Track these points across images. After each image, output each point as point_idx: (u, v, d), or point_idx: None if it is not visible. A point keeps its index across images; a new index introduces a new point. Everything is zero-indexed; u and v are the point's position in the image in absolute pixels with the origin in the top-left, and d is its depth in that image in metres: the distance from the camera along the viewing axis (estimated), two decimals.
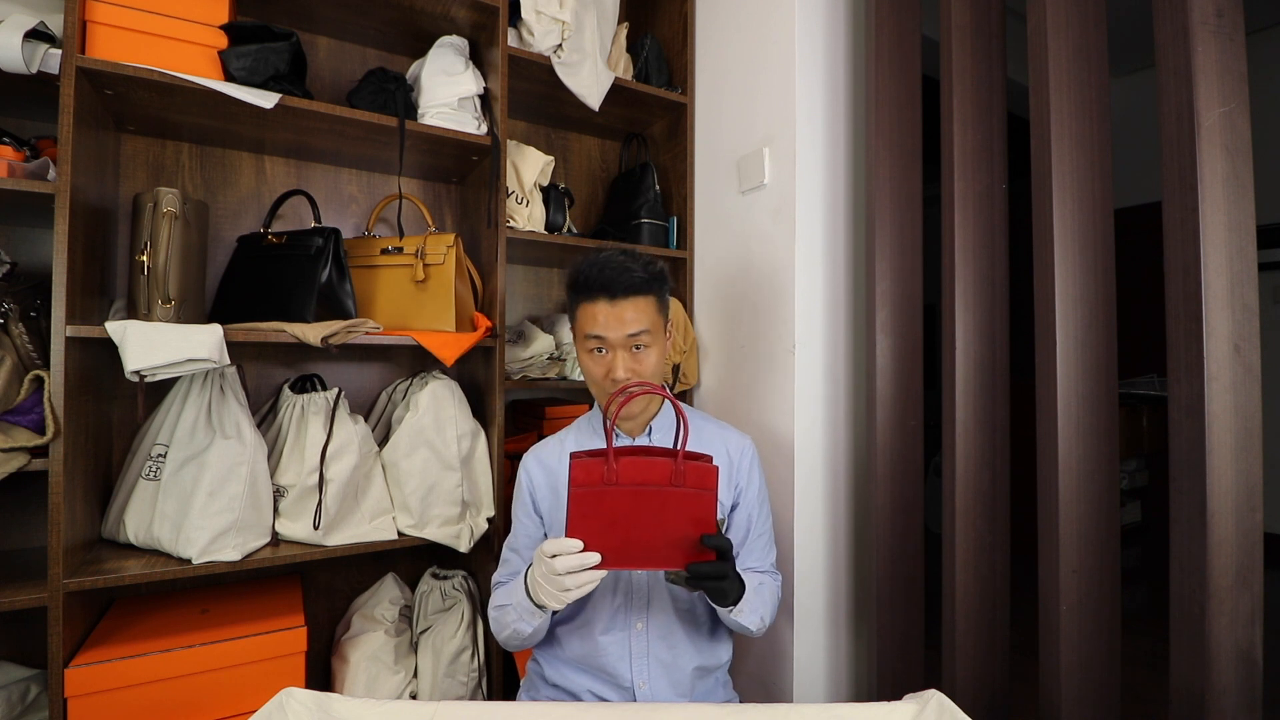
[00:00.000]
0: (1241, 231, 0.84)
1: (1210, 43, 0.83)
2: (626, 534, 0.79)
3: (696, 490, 0.80)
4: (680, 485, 0.79)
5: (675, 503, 0.79)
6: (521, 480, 1.10)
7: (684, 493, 0.79)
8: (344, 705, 0.77)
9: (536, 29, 1.44)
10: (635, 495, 0.79)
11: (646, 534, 0.80)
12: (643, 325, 0.98)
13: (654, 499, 0.79)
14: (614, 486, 0.78)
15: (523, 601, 0.93)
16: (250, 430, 1.20)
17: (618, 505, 0.78)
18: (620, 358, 0.98)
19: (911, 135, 1.29)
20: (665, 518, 0.79)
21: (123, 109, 1.22)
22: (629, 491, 0.78)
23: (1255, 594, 0.82)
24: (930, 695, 0.77)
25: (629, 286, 0.98)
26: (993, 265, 1.18)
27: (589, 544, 0.79)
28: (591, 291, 0.99)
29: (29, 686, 1.12)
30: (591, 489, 0.78)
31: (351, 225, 1.55)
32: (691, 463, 0.80)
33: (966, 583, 1.13)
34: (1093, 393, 0.99)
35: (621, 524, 0.79)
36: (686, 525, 0.80)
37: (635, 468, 0.79)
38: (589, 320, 0.99)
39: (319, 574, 1.50)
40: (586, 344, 1.01)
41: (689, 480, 0.80)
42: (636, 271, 0.99)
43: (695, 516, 0.80)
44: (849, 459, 1.40)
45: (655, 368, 1.02)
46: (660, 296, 1.04)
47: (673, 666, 1.02)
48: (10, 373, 1.05)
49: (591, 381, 1.04)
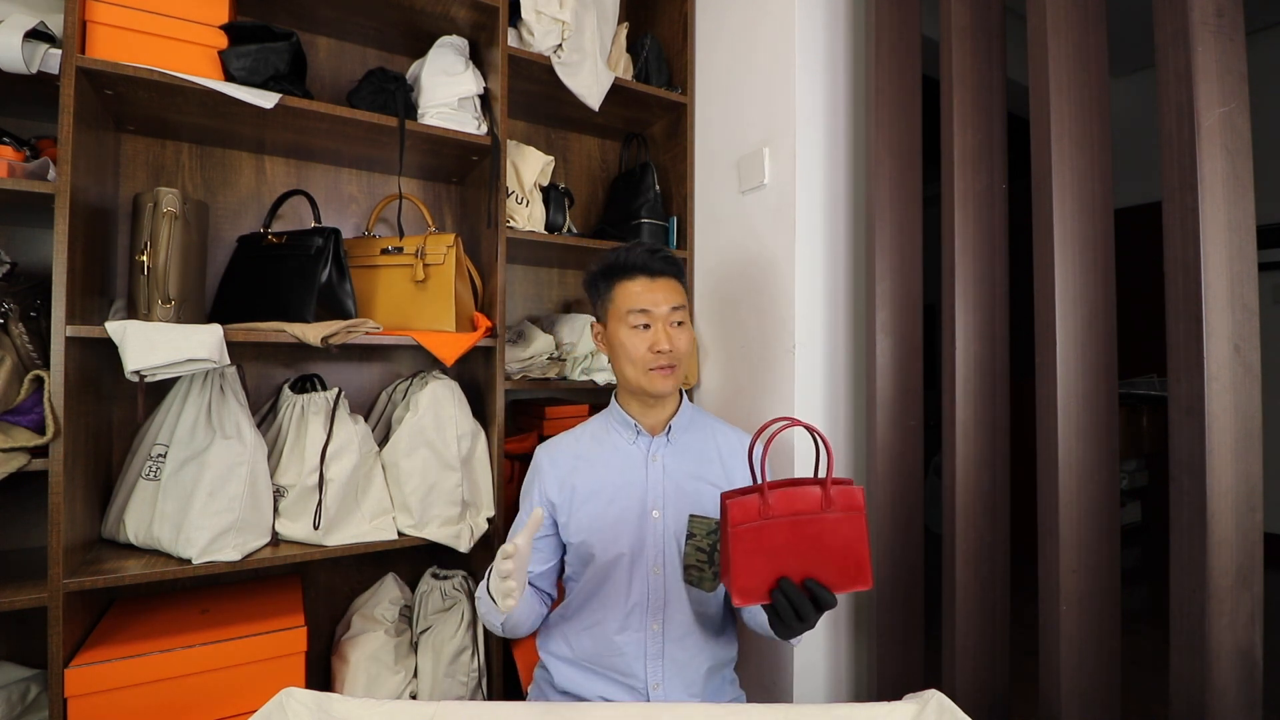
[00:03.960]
0: (1241, 231, 0.84)
1: (1210, 43, 0.83)
2: (786, 564, 0.81)
3: (847, 512, 0.82)
4: (832, 510, 0.82)
5: (830, 527, 0.82)
6: (533, 475, 1.11)
7: (836, 517, 0.82)
8: (344, 705, 0.77)
9: (536, 29, 1.44)
10: (792, 525, 0.81)
11: (805, 561, 0.82)
12: (680, 301, 1.07)
13: (810, 526, 0.81)
14: (771, 521, 0.80)
15: (485, 595, 0.98)
16: (250, 430, 1.20)
17: (777, 537, 0.81)
18: (664, 331, 1.04)
19: (911, 135, 1.29)
20: (822, 543, 0.82)
21: (123, 109, 1.22)
22: (786, 523, 0.81)
23: (1255, 594, 0.82)
24: (930, 695, 0.77)
25: (663, 267, 1.07)
26: (993, 265, 1.18)
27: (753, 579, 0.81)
28: (630, 271, 1.06)
29: (29, 686, 1.12)
30: (750, 525, 0.80)
31: (351, 225, 1.55)
32: (839, 486, 0.83)
33: (966, 583, 1.13)
34: (1093, 393, 0.99)
35: (782, 555, 0.81)
36: (841, 546, 0.82)
37: (787, 498, 0.82)
38: (631, 297, 1.05)
39: (319, 574, 1.50)
40: (629, 320, 1.05)
41: (838, 504, 0.82)
42: (669, 255, 1.09)
43: (848, 538, 0.82)
44: (849, 459, 1.40)
45: (689, 347, 1.08)
46: (685, 285, 1.12)
47: (687, 666, 1.02)
48: (10, 373, 1.05)
49: (629, 360, 1.05)
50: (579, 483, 1.07)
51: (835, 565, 0.82)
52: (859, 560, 0.82)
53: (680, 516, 1.02)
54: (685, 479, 1.06)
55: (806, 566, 0.81)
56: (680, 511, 1.02)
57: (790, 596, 0.79)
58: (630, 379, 1.07)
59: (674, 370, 1.05)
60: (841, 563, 0.82)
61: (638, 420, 1.09)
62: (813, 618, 0.80)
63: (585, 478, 1.07)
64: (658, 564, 1.02)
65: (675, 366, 1.05)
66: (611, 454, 1.08)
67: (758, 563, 0.80)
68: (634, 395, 1.09)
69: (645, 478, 1.06)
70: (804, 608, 0.79)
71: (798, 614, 0.79)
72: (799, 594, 0.79)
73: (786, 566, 0.81)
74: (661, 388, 1.04)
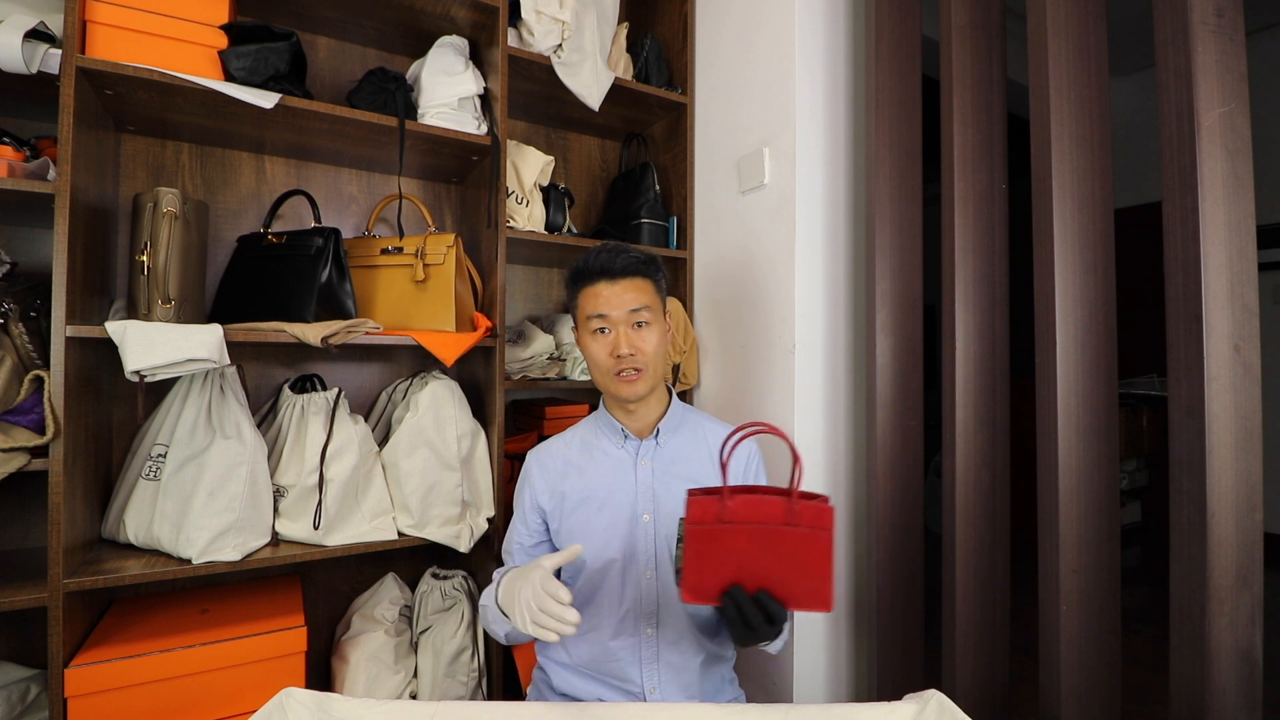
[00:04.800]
0: (1241, 231, 0.84)
1: (1210, 43, 0.83)
2: (742, 570, 0.79)
3: (811, 529, 0.78)
4: (795, 525, 0.78)
5: (791, 541, 0.78)
6: (523, 482, 1.10)
7: (799, 532, 0.78)
8: (344, 705, 0.77)
9: (536, 29, 1.44)
10: (750, 534, 0.78)
11: (764, 571, 0.79)
12: (643, 303, 1.02)
13: (769, 537, 0.78)
14: (726, 525, 0.78)
15: (494, 605, 0.95)
16: (250, 430, 1.20)
17: (731, 542, 0.78)
18: (623, 334, 1.00)
19: (911, 135, 1.29)
20: (780, 556, 0.78)
21: (123, 109, 1.22)
22: (743, 530, 0.78)
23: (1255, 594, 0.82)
24: (930, 695, 0.77)
25: (626, 267, 1.02)
26: (993, 265, 1.18)
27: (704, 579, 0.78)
28: (592, 276, 1.03)
29: (29, 686, 1.12)
30: (706, 526, 0.78)
31: (351, 225, 1.55)
32: (806, 502, 0.79)
33: (966, 583, 1.13)
34: (1093, 393, 0.99)
35: (736, 560, 0.78)
36: (801, 563, 0.79)
37: (748, 506, 0.78)
38: (591, 302, 1.02)
39: (319, 574, 1.50)
40: (589, 325, 1.03)
41: (803, 519, 0.78)
42: (632, 254, 1.03)
43: (809, 555, 0.78)
44: (849, 459, 1.40)
45: (657, 349, 1.03)
46: (656, 282, 1.06)
47: (683, 669, 1.02)
48: (10, 373, 1.05)
49: (595, 367, 1.04)
50: (569, 489, 1.06)
51: (794, 581, 0.79)
52: (819, 580, 0.78)
53: (671, 520, 1.01)
54: (675, 481, 1.04)
55: (763, 577, 0.78)
56: (671, 515, 1.01)
57: (740, 604, 0.76)
58: (599, 385, 1.05)
59: (641, 374, 1.00)
60: (800, 580, 0.78)
61: (624, 424, 1.07)
62: (764, 629, 0.78)
63: (575, 484, 1.06)
64: (649, 568, 1.01)
65: (642, 370, 1.00)
66: (601, 459, 1.07)
67: (708, 564, 0.78)
68: (616, 403, 1.07)
69: (635, 482, 1.04)
70: (754, 618, 0.76)
71: (746, 623, 0.77)
72: (749, 603, 0.76)
73: (742, 573, 0.78)
74: (628, 393, 1.01)
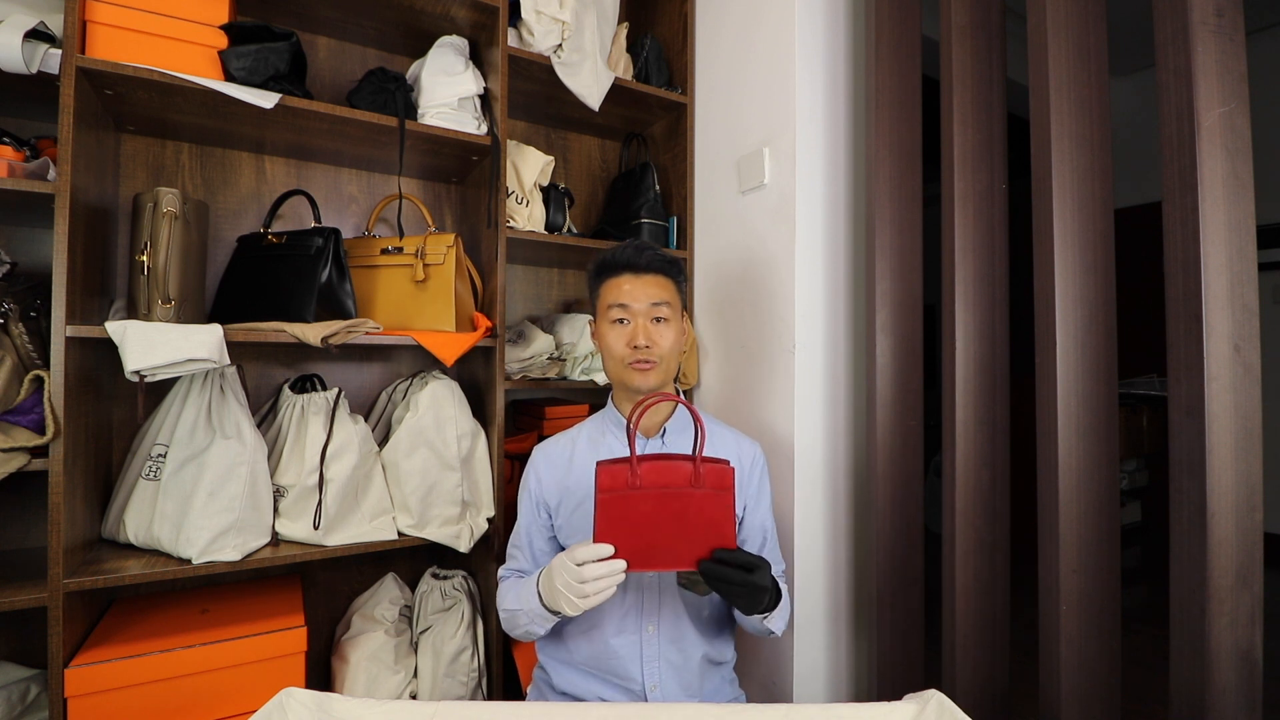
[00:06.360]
0: (1241, 231, 0.84)
1: (1210, 43, 0.83)
2: (651, 537, 0.82)
3: (715, 490, 0.83)
4: (700, 487, 0.82)
5: (696, 504, 0.82)
6: (529, 476, 1.11)
7: (703, 494, 0.82)
8: (344, 705, 0.77)
9: (536, 29, 1.44)
10: (658, 498, 0.81)
11: (669, 536, 0.82)
12: (664, 299, 1.05)
13: (675, 501, 0.82)
14: (638, 490, 0.81)
15: (535, 608, 0.94)
16: (250, 430, 1.20)
17: (642, 508, 0.81)
18: (642, 326, 1.03)
19: (911, 135, 1.29)
20: (687, 519, 0.82)
21: (123, 109, 1.22)
22: (652, 494, 0.81)
23: (1255, 594, 0.82)
24: (930, 695, 0.76)
25: (651, 263, 1.06)
26: (993, 265, 1.18)
27: (618, 548, 0.82)
28: (617, 268, 1.06)
29: (29, 686, 1.12)
30: (617, 493, 0.81)
31: (351, 225, 1.55)
32: (709, 464, 0.83)
33: (966, 583, 1.13)
34: (1093, 393, 0.99)
35: (646, 526, 0.82)
36: (706, 525, 0.83)
37: (656, 471, 0.82)
38: (613, 292, 1.05)
39: (319, 574, 1.50)
40: (610, 315, 1.05)
41: (708, 481, 0.82)
42: (658, 253, 1.08)
43: (714, 516, 0.83)
44: (849, 459, 1.40)
45: (672, 347, 1.06)
46: (678, 284, 1.10)
47: (683, 669, 1.02)
48: (10, 373, 1.05)
49: (610, 356, 1.06)
50: (573, 485, 1.06)
51: (699, 540, 0.83)
52: (723, 538, 0.83)
53: None
54: None
55: (670, 540, 0.82)
56: None
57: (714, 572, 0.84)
58: (612, 374, 1.08)
59: (654, 366, 1.03)
60: (705, 538, 0.83)
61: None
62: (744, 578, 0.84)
63: (579, 480, 1.06)
64: None
65: (655, 363, 1.03)
66: (606, 456, 1.08)
67: (621, 530, 0.81)
68: (626, 395, 1.09)
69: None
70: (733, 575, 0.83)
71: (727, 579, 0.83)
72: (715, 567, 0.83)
73: (651, 539, 0.82)
74: (640, 383, 1.03)
